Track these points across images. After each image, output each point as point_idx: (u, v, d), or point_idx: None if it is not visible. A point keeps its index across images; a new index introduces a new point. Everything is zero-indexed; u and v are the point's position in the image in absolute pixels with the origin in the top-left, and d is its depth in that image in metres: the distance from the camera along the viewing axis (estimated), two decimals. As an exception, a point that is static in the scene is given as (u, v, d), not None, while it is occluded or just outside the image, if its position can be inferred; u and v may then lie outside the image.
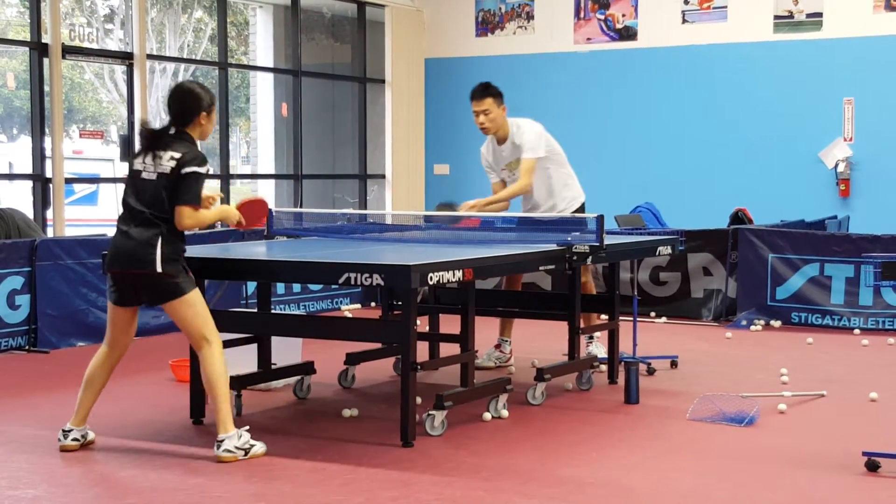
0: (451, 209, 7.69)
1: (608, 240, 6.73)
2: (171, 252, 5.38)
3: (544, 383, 6.74)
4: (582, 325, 7.19)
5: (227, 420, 5.37)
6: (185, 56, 21.83)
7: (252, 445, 5.39)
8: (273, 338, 6.64)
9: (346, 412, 6.39)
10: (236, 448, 5.34)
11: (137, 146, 5.62)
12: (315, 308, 10.72)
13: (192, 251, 5.87)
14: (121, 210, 5.54)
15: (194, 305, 5.45)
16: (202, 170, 5.39)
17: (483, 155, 7.89)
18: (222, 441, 5.34)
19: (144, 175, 5.41)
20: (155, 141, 5.45)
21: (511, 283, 8.15)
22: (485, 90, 7.61)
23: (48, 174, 10.86)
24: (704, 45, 13.72)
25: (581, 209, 7.86)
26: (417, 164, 15.27)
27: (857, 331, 9.54)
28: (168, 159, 5.37)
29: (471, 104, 7.64)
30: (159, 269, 5.34)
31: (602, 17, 14.23)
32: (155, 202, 5.38)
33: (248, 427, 5.48)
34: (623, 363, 7.05)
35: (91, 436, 5.63)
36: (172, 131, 5.48)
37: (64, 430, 5.56)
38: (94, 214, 17.76)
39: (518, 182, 7.63)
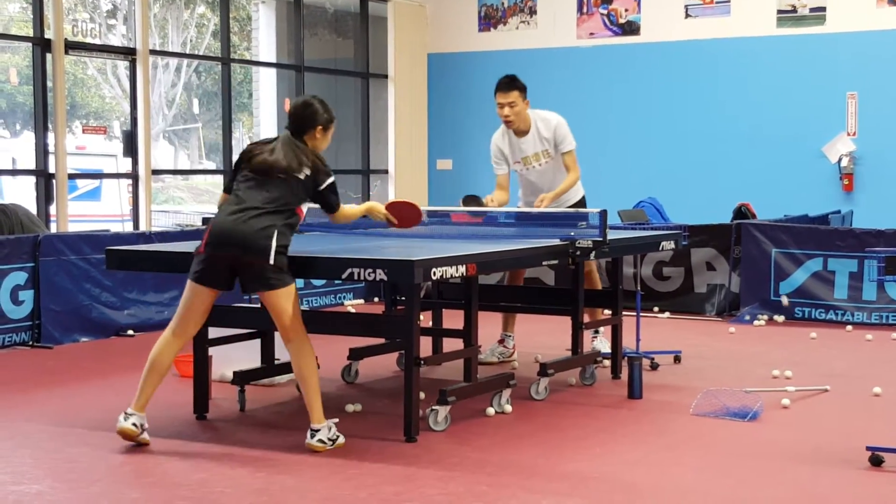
0: (477, 203, 7.68)
1: (611, 235, 6.72)
2: (282, 245, 5.50)
3: (548, 378, 6.74)
4: (586, 320, 7.19)
5: (320, 411, 5.52)
6: (187, 51, 21.84)
7: (337, 437, 5.56)
8: (277, 333, 6.64)
9: (350, 407, 6.40)
10: (328, 439, 5.50)
11: (263, 141, 5.74)
12: (318, 303, 10.72)
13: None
14: (234, 197, 5.58)
15: (292, 298, 5.55)
16: (332, 178, 5.69)
17: (496, 144, 7.84)
18: (317, 431, 5.50)
19: (268, 169, 5.54)
20: (291, 144, 5.63)
21: (514, 277, 8.15)
22: (512, 83, 7.60)
23: (51, 170, 10.86)
24: (707, 40, 13.70)
25: (581, 204, 7.85)
26: (420, 160, 15.26)
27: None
28: (288, 164, 5.56)
29: (496, 96, 7.63)
30: (272, 261, 5.44)
31: (605, 11, 14.21)
32: (278, 198, 5.52)
33: (336, 420, 5.62)
34: (626, 358, 7.05)
35: (146, 435, 5.56)
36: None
37: (126, 413, 5.50)
38: (98, 210, 17.79)
39: (572, 173, 7.72)
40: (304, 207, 5.75)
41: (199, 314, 5.65)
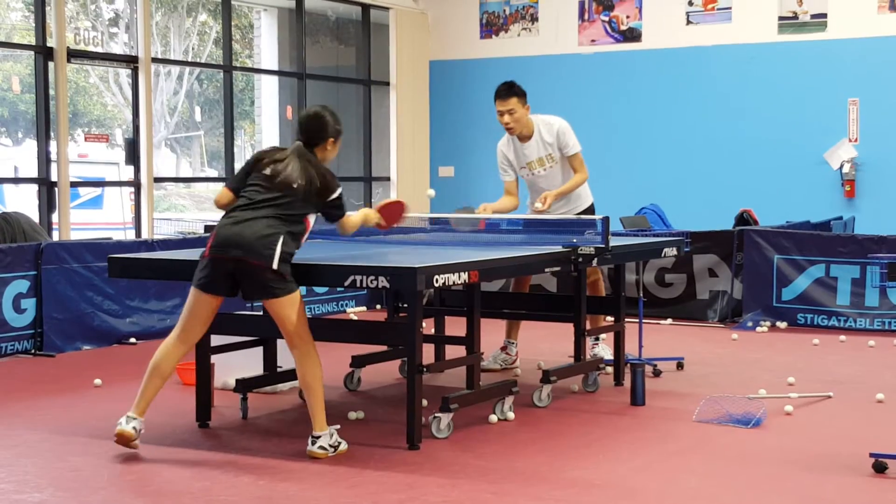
0: (470, 213, 7.70)
1: (613, 241, 6.72)
2: (286, 253, 5.50)
3: (550, 385, 6.73)
4: (588, 327, 7.19)
5: (323, 418, 5.51)
6: (189, 59, 21.87)
7: (339, 443, 5.54)
8: (279, 341, 6.64)
9: (352, 415, 6.39)
10: (329, 446, 5.48)
11: (275, 149, 5.77)
12: (320, 311, 10.72)
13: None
14: (241, 201, 5.57)
15: (296, 306, 5.55)
16: (339, 191, 5.69)
17: (502, 152, 7.85)
18: (318, 437, 5.48)
19: (279, 180, 5.55)
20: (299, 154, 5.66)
21: (519, 284, 8.15)
22: (509, 89, 7.60)
23: (53, 178, 10.88)
24: (709, 47, 13.71)
25: (589, 210, 7.86)
26: (422, 167, 15.27)
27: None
28: (300, 176, 5.57)
29: (495, 104, 7.64)
30: (275, 266, 5.44)
31: (606, 18, 14.22)
32: (286, 206, 5.54)
33: (338, 426, 5.60)
34: (629, 365, 7.04)
35: (138, 441, 5.58)
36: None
37: (127, 416, 5.52)
38: (100, 218, 17.78)
39: (578, 174, 7.72)
40: (312, 218, 5.73)
41: (203, 321, 5.65)
